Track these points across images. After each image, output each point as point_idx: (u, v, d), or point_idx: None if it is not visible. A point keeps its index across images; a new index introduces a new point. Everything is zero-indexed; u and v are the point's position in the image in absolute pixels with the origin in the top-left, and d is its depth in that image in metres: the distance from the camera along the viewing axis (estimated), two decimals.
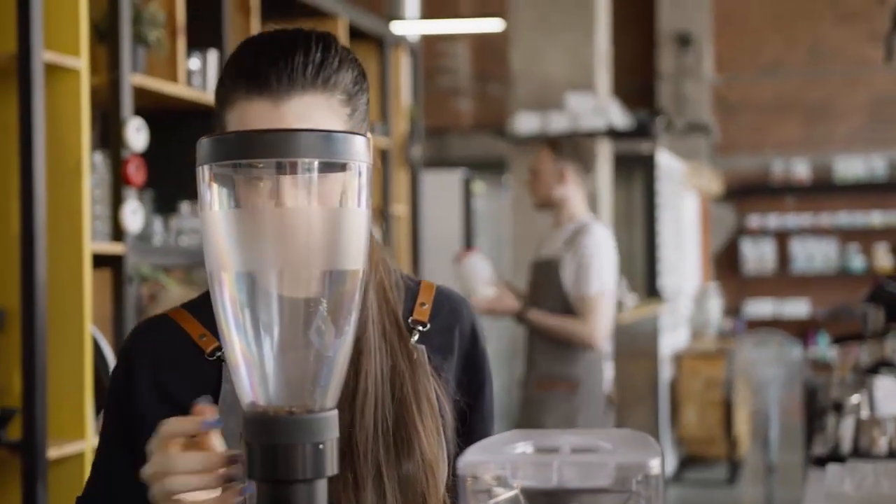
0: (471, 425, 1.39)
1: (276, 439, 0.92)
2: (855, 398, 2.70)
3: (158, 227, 3.39)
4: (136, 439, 1.30)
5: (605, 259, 4.10)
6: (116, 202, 3.12)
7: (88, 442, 2.90)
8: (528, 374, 4.19)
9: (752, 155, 10.96)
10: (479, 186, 7.45)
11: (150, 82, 3.26)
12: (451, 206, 7.09)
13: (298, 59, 1.23)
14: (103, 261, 3.08)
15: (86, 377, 2.89)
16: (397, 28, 5.44)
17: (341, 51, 1.28)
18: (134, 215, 3.14)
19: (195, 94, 3.48)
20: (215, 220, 0.95)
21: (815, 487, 2.36)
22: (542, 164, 4.23)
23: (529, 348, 4.20)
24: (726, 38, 10.90)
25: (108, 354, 2.99)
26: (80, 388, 2.88)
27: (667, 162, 8.09)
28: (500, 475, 0.88)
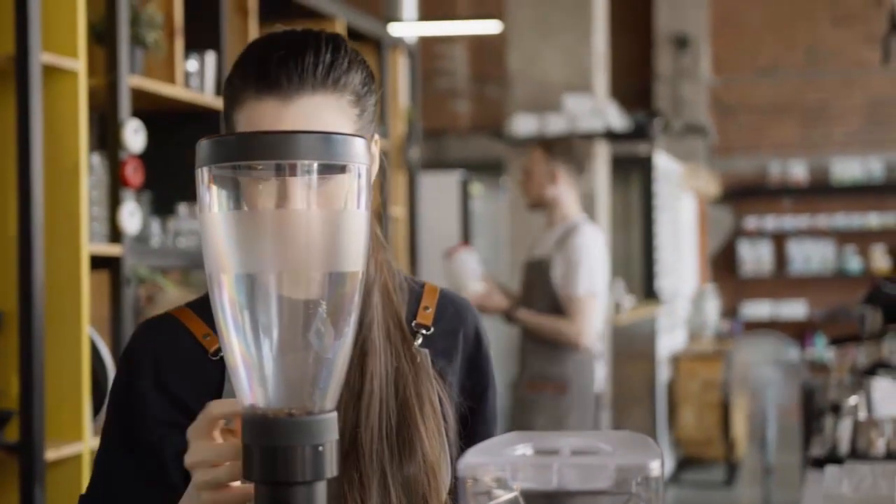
0: (474, 428, 1.39)
1: (275, 441, 0.92)
2: (853, 399, 2.70)
3: (156, 228, 3.39)
4: (139, 439, 1.30)
5: (595, 259, 4.10)
6: (114, 204, 3.12)
7: (86, 443, 2.89)
8: (520, 375, 4.19)
9: (749, 156, 10.96)
10: (476, 188, 7.45)
11: (147, 84, 3.26)
12: (448, 207, 7.09)
13: (309, 60, 1.23)
14: (101, 262, 3.08)
15: (83, 379, 2.88)
16: (395, 30, 5.44)
17: (351, 52, 1.28)
18: (131, 217, 3.14)
19: (193, 95, 3.48)
20: (214, 221, 0.95)
21: (812, 489, 2.36)
22: (535, 165, 4.24)
23: (521, 349, 4.20)
24: (723, 40, 10.90)
25: (106, 356, 2.99)
26: (77, 390, 2.88)
27: (664, 163, 8.10)
28: (499, 477, 0.88)
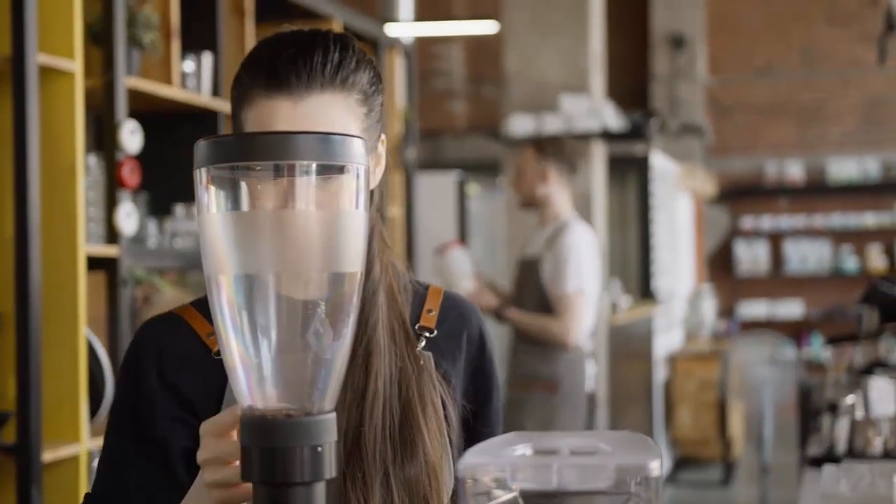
0: (478, 430, 1.39)
1: (273, 442, 0.92)
2: (849, 399, 2.70)
3: (153, 229, 3.39)
4: (146, 435, 1.30)
5: (584, 257, 4.09)
6: (111, 204, 3.12)
7: (83, 445, 2.89)
8: (510, 374, 4.18)
9: (745, 156, 10.97)
10: (473, 188, 7.45)
11: (144, 85, 3.25)
12: (445, 207, 7.09)
13: (317, 59, 1.24)
14: (97, 263, 3.08)
15: (80, 380, 2.88)
16: (391, 30, 5.44)
17: (358, 52, 1.29)
18: (128, 218, 3.13)
19: (189, 96, 3.48)
20: (213, 222, 0.95)
21: (810, 488, 2.36)
22: (526, 164, 4.25)
23: (511, 348, 4.20)
24: (720, 40, 10.91)
25: (103, 357, 2.98)
26: (74, 391, 2.88)
27: (660, 163, 8.10)
28: (499, 477, 0.88)
